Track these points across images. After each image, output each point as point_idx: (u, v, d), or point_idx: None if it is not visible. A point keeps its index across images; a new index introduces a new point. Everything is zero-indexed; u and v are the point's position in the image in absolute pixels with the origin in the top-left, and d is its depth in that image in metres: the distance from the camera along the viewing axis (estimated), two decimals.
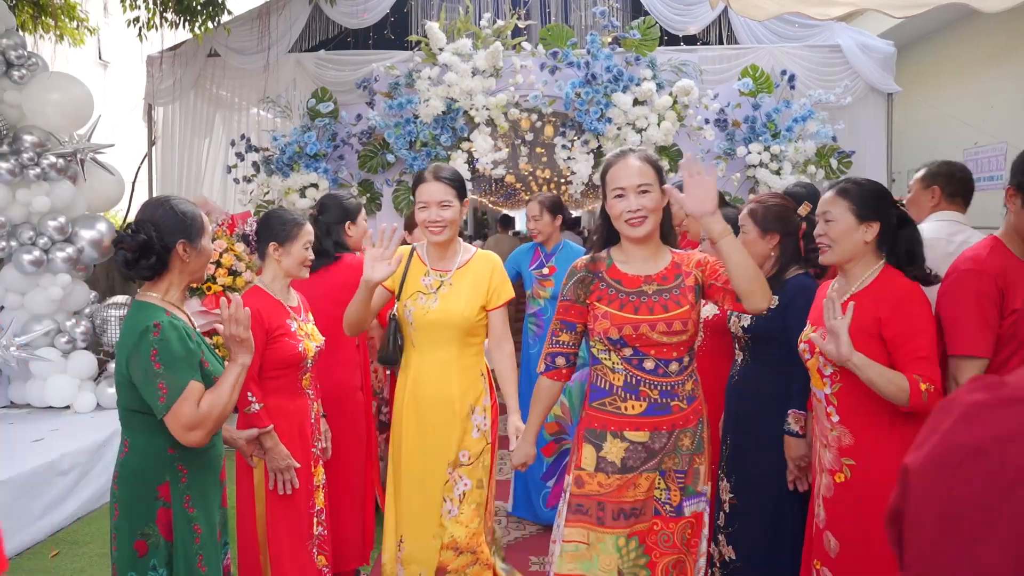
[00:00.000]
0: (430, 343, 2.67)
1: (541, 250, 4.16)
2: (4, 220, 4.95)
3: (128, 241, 1.98)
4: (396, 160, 6.21)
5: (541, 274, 4.08)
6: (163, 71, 6.40)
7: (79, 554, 3.77)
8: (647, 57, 6.02)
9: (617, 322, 2.13)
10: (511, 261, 4.13)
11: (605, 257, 2.26)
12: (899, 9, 3.21)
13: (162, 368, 1.89)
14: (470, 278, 2.71)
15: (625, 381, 2.15)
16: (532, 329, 4.15)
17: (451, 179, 2.65)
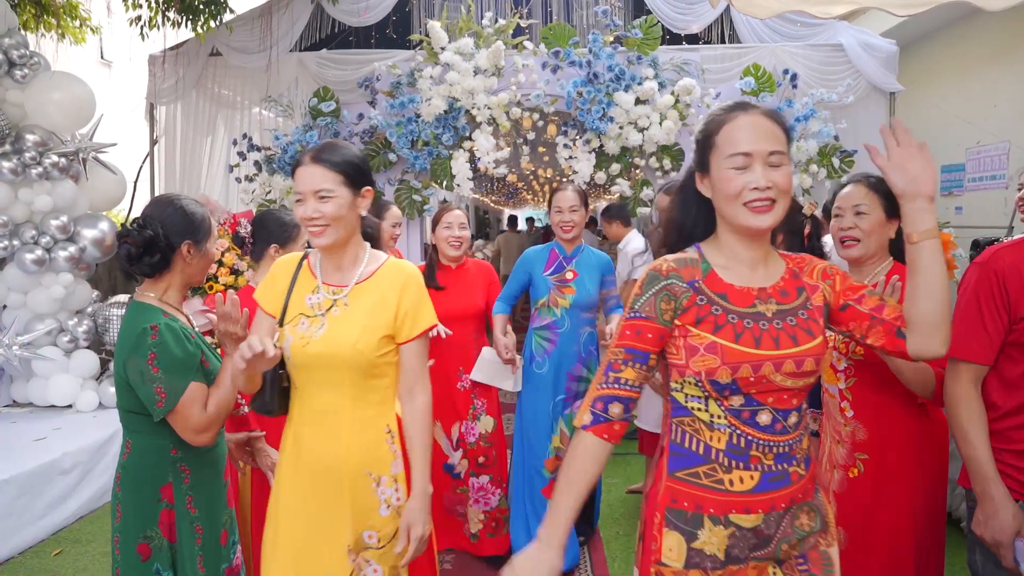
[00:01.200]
0: (314, 387, 1.92)
1: (559, 251, 3.51)
2: (6, 219, 4.96)
3: (134, 236, 1.97)
4: (398, 159, 6.21)
5: (561, 279, 3.45)
6: (165, 70, 6.40)
7: (81, 553, 3.78)
8: (649, 56, 6.01)
9: (732, 359, 1.45)
10: (522, 264, 3.56)
11: (698, 259, 1.57)
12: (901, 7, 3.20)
13: (160, 372, 1.89)
14: (372, 297, 1.95)
15: (730, 443, 1.49)
16: (542, 345, 3.48)
17: (335, 161, 1.90)
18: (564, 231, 3.44)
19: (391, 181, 6.32)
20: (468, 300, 3.58)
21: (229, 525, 2.12)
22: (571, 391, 3.45)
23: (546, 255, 3.53)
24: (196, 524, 2.00)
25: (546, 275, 3.47)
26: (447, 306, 3.39)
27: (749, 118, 1.50)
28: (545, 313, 3.48)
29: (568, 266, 3.46)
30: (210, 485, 2.07)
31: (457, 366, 3.54)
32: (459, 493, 3.60)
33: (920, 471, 2.11)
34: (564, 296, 3.43)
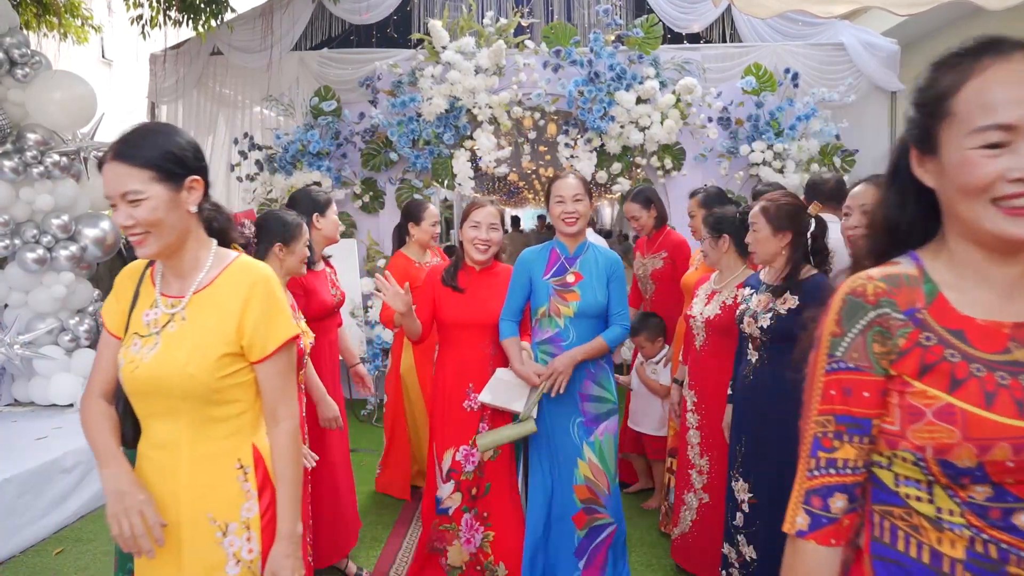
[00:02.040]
0: (151, 417, 1.67)
1: (560, 251, 3.01)
2: (7, 218, 4.96)
3: None
4: (399, 158, 6.22)
5: (563, 284, 2.94)
6: (166, 69, 6.41)
7: (83, 552, 3.78)
8: (650, 55, 6.01)
9: (981, 433, 0.99)
10: (520, 268, 3.02)
11: (917, 276, 1.10)
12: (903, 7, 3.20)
13: None
14: (213, 308, 1.64)
15: (971, 552, 1.02)
16: (547, 362, 2.92)
17: (141, 155, 1.57)
18: (567, 224, 2.92)
19: (392, 180, 6.33)
20: (486, 308, 3.05)
21: None
22: (589, 414, 2.92)
23: (546, 256, 3.01)
24: None
25: (546, 279, 2.95)
26: (462, 311, 3.05)
27: (1012, 67, 0.99)
28: (547, 324, 2.95)
29: (571, 268, 2.94)
30: None
31: (466, 383, 3.04)
32: (444, 530, 3.07)
33: None
34: (567, 303, 2.89)
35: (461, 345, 3.09)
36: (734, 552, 2.79)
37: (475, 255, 3.10)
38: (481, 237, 3.07)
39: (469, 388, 3.05)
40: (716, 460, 3.12)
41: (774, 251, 2.69)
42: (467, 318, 3.06)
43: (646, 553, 3.64)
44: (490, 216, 3.12)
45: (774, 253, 2.69)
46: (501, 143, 6.08)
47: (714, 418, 3.10)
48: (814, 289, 2.58)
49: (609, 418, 2.96)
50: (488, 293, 3.07)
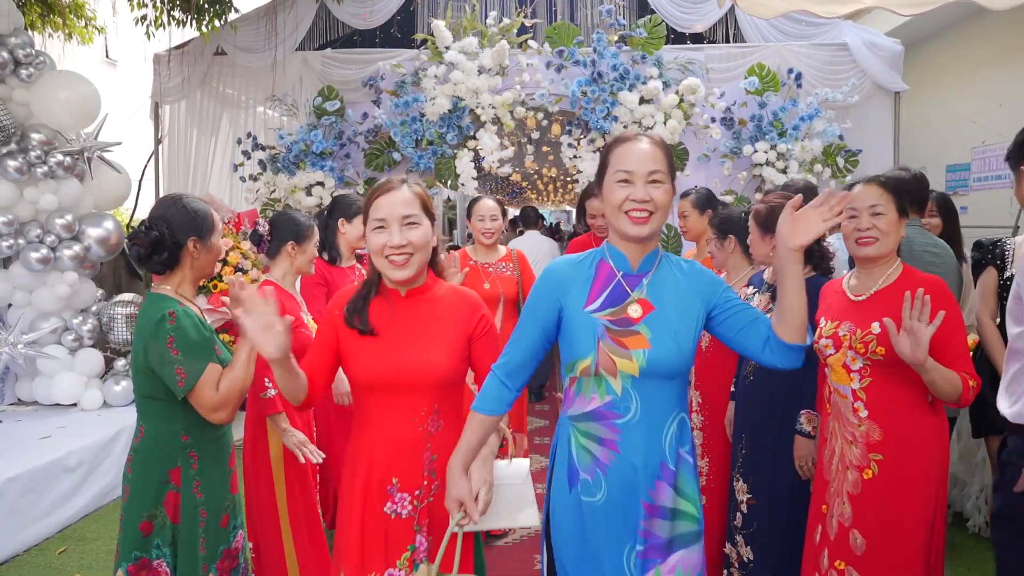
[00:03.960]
0: None
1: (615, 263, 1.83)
2: (12, 218, 4.97)
3: (141, 237, 2.09)
4: (402, 158, 6.22)
5: (620, 318, 1.77)
6: (170, 69, 6.42)
7: (86, 551, 3.79)
8: (653, 55, 6.01)
9: None
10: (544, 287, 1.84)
11: None
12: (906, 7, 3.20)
13: (179, 354, 2.02)
14: None
15: None
16: (590, 451, 1.79)
17: None
18: (634, 220, 1.74)
19: None
20: (416, 356, 1.91)
21: (231, 510, 2.23)
22: (653, 538, 1.77)
23: (590, 272, 1.84)
24: (201, 508, 2.12)
25: (591, 311, 1.78)
26: (375, 364, 1.91)
27: None
28: (591, 388, 1.78)
29: (635, 292, 1.79)
30: (216, 471, 2.18)
31: (389, 476, 1.93)
32: None
33: (931, 468, 2.14)
34: (629, 354, 1.73)
35: (379, 418, 1.93)
36: (735, 552, 2.79)
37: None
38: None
39: (393, 485, 1.92)
40: (715, 461, 3.12)
41: (765, 252, 2.70)
42: (384, 374, 1.90)
43: None
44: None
45: (766, 255, 2.70)
46: (504, 143, 6.08)
47: (717, 419, 3.10)
48: (812, 290, 2.57)
49: (688, 546, 1.80)
50: (418, 330, 1.94)
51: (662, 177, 1.74)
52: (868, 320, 2.16)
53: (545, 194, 18.60)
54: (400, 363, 1.89)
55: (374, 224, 1.89)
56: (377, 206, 1.90)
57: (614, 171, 1.76)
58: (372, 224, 1.90)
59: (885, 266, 2.23)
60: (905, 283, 2.15)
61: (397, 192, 1.90)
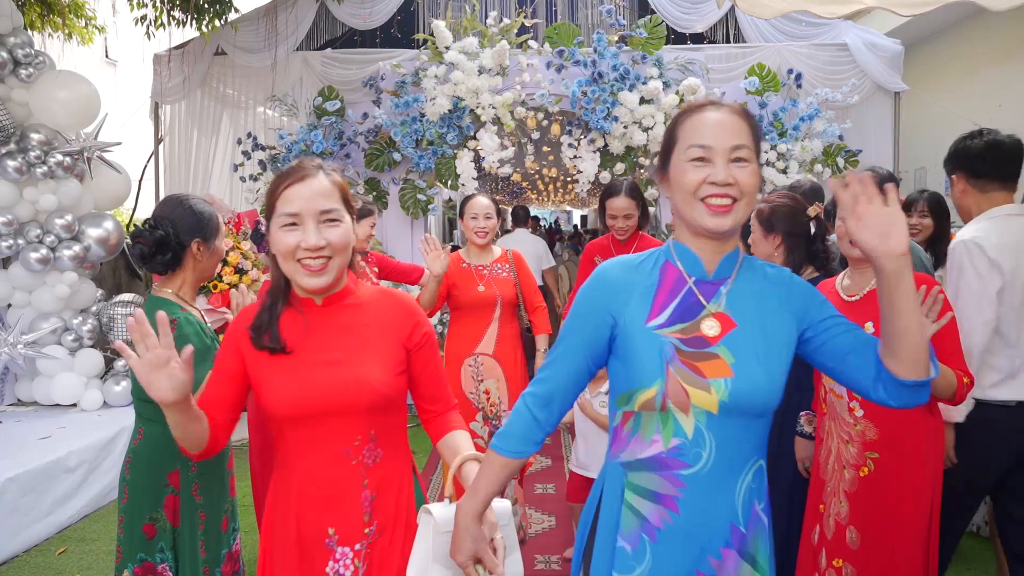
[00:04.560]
0: None
1: (685, 265, 1.44)
2: (11, 218, 4.97)
3: (146, 236, 2.08)
4: (402, 158, 6.22)
5: (696, 340, 1.38)
6: (170, 69, 6.42)
7: (86, 551, 3.78)
8: (653, 55, 6.01)
9: None
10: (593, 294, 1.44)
11: None
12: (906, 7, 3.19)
13: None
14: None
15: None
16: (639, 510, 1.39)
17: None
18: (714, 208, 1.36)
19: (396, 180, 6.33)
20: (342, 376, 1.58)
21: (230, 512, 2.23)
22: None
23: (652, 276, 1.45)
24: (200, 511, 2.12)
25: (654, 327, 1.39)
26: (289, 390, 1.56)
27: None
28: (654, 428, 1.39)
29: (711, 303, 1.41)
30: (214, 474, 2.18)
31: (324, 526, 1.60)
32: None
33: (927, 466, 2.15)
34: (707, 384, 1.35)
35: (306, 455, 1.59)
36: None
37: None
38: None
39: (332, 538, 1.58)
40: None
41: (767, 252, 2.70)
42: (307, 400, 1.55)
43: None
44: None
45: (768, 255, 2.70)
46: (504, 143, 6.07)
47: None
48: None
49: None
50: (343, 344, 1.59)
51: (748, 154, 1.34)
52: (861, 320, 2.16)
53: (545, 194, 18.59)
54: (325, 384, 1.54)
55: (283, 220, 1.50)
56: (287, 198, 1.51)
57: (686, 147, 1.36)
58: (280, 220, 1.51)
59: None
60: None
61: (313, 181, 1.52)
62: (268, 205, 1.55)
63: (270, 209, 1.54)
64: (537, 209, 21.45)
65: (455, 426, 1.71)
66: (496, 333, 3.59)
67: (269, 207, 1.54)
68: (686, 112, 1.42)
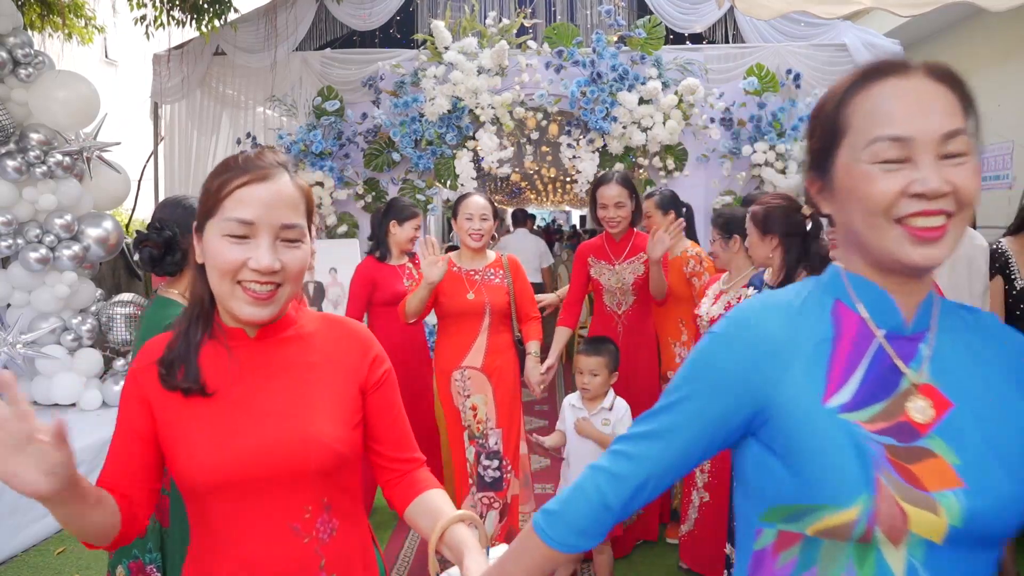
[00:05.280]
0: None
1: (868, 307, 0.95)
2: (11, 218, 4.97)
3: (153, 239, 2.06)
4: (402, 158, 6.22)
5: (895, 426, 0.90)
6: (170, 69, 6.42)
7: (84, 551, 3.78)
8: (652, 56, 6.01)
9: None
10: (729, 356, 0.97)
11: None
12: (905, 8, 3.20)
13: None
14: None
15: None
16: None
17: None
18: (923, 237, 0.88)
19: (395, 180, 6.33)
20: (276, 428, 1.26)
21: None
22: None
23: (822, 328, 0.96)
24: None
25: (837, 408, 0.90)
26: (214, 446, 1.22)
27: None
28: (836, 563, 0.89)
29: (911, 369, 0.93)
30: None
31: None
32: None
33: None
34: (932, 501, 0.85)
35: (240, 535, 1.21)
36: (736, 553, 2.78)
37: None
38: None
39: None
40: (717, 459, 3.12)
41: (764, 254, 2.71)
42: (239, 463, 1.18)
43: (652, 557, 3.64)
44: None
45: (765, 256, 2.71)
46: (504, 143, 6.08)
47: None
48: None
49: None
50: (284, 387, 1.25)
51: (965, 144, 0.88)
52: None
53: (544, 194, 18.60)
54: (264, 441, 1.17)
55: (230, 227, 1.14)
56: (240, 199, 1.15)
57: (867, 141, 0.90)
58: (226, 226, 1.15)
59: None
60: None
61: (277, 183, 1.17)
62: (208, 200, 1.18)
63: (210, 205, 1.17)
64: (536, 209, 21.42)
65: (428, 485, 1.33)
66: (485, 344, 3.28)
67: (210, 203, 1.17)
68: (861, 81, 0.94)
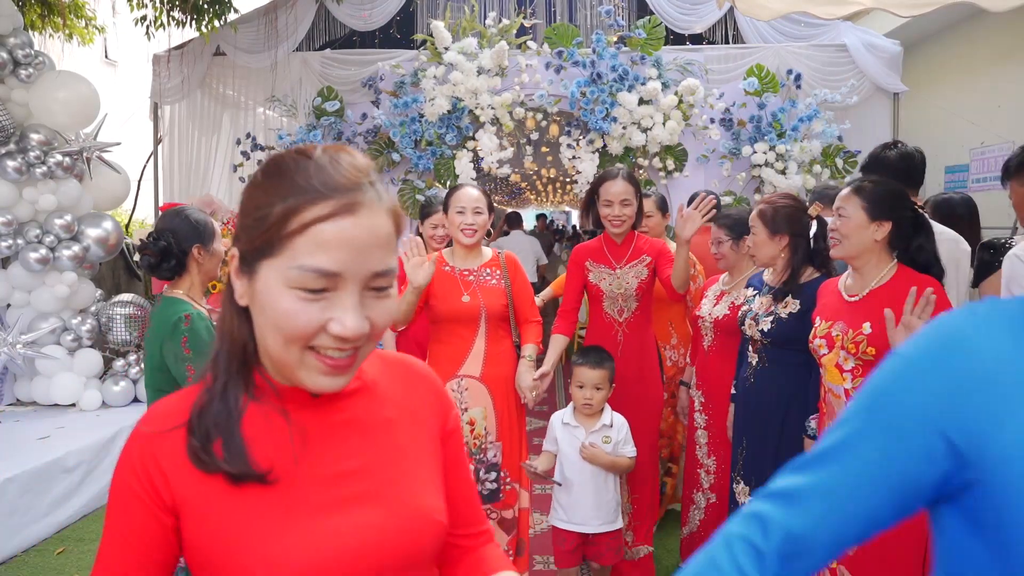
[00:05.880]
0: None
1: None
2: (11, 218, 4.97)
3: (151, 248, 2.33)
4: (401, 159, 6.22)
5: None
6: (170, 70, 6.42)
7: (85, 551, 3.78)
8: (652, 56, 6.01)
9: None
10: (919, 393, 0.72)
11: None
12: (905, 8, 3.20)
13: (191, 353, 2.24)
14: None
15: None
16: None
17: None
18: None
19: (394, 181, 6.33)
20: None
21: None
22: None
23: None
24: None
25: None
26: None
27: None
28: None
29: None
30: None
31: None
32: None
33: None
34: None
35: None
36: None
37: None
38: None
39: None
40: (723, 460, 3.12)
41: (772, 254, 2.71)
42: (332, 565, 0.86)
43: None
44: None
45: (773, 256, 2.71)
46: (503, 144, 6.08)
47: (721, 418, 3.10)
48: (815, 292, 2.58)
49: None
50: (370, 457, 0.94)
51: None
52: (860, 320, 2.17)
53: (544, 195, 18.60)
54: (360, 532, 0.88)
55: (305, 276, 0.81)
56: (321, 239, 0.81)
57: None
58: (297, 275, 0.81)
59: (877, 267, 2.25)
60: (899, 283, 2.17)
61: (366, 217, 0.83)
62: (265, 232, 0.82)
63: (268, 239, 0.82)
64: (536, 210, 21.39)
65: (498, 566, 1.04)
66: (483, 351, 2.94)
67: (268, 235, 0.82)
68: None
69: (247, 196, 0.87)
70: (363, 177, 0.85)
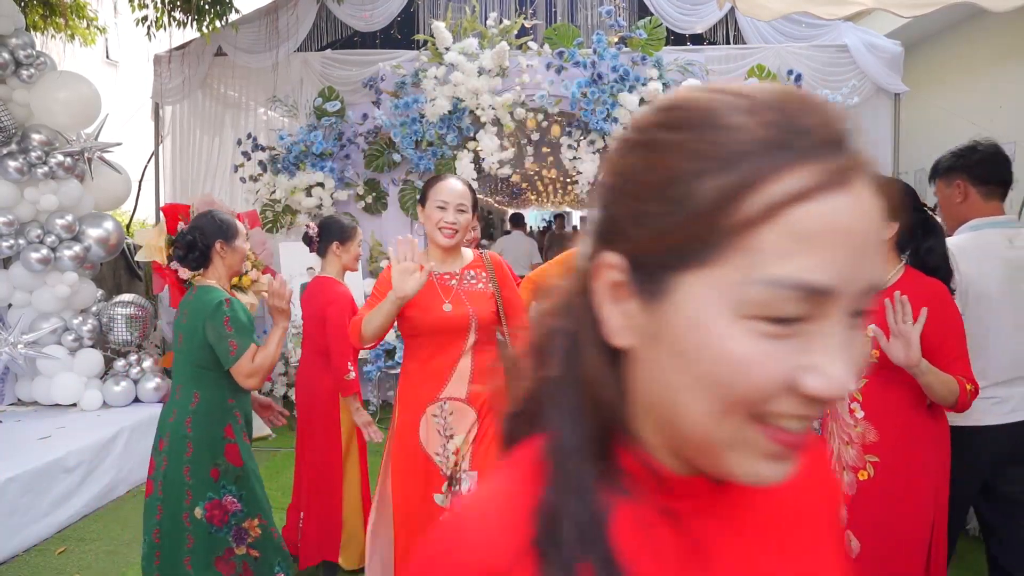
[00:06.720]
0: None
1: None
2: (12, 218, 4.98)
3: (180, 241, 2.72)
4: (402, 159, 6.22)
5: None
6: (171, 70, 6.43)
7: (85, 551, 3.79)
8: (653, 57, 6.01)
9: None
10: None
11: None
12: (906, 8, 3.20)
13: (233, 331, 2.57)
14: None
15: None
16: None
17: None
18: None
19: (395, 181, 6.33)
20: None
21: None
22: None
23: None
24: (251, 451, 2.75)
25: None
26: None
27: None
28: None
29: None
30: (250, 428, 2.80)
31: None
32: None
33: (929, 473, 2.13)
34: None
35: None
36: None
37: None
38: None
39: None
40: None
41: None
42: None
43: None
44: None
45: None
46: (504, 144, 6.08)
47: None
48: None
49: None
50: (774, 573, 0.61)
51: None
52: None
53: (545, 195, 18.59)
54: None
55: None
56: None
57: None
58: (763, 294, 0.49)
59: (884, 268, 2.23)
60: (905, 285, 2.15)
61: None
62: (700, 218, 0.51)
63: (704, 229, 0.51)
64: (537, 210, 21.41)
65: None
66: (470, 368, 2.50)
67: (704, 223, 0.51)
68: None
69: (636, 165, 0.54)
70: (846, 126, 0.58)
